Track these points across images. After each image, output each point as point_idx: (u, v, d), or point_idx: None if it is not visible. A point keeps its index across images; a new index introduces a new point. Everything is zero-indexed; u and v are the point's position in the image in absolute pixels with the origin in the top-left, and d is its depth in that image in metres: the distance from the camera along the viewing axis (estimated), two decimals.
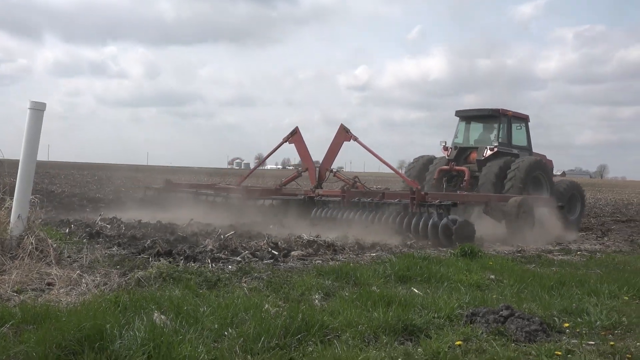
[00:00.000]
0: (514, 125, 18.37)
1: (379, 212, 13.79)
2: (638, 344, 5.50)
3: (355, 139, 16.84)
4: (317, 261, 9.58)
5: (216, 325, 5.20)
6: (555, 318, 6.20)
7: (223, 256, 9.24)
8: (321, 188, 16.88)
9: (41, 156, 11.05)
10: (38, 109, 8.04)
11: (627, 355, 5.10)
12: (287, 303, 6.29)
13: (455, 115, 18.96)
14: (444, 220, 12.65)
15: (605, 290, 7.60)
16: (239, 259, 9.14)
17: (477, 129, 19.04)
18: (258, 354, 4.69)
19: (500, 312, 5.87)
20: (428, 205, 13.10)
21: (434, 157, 19.06)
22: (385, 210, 13.79)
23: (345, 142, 17.21)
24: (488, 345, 5.16)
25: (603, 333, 5.81)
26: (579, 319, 6.17)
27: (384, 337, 5.26)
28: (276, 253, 9.80)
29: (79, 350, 4.43)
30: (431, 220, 12.71)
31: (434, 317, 5.93)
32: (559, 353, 4.98)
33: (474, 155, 18.02)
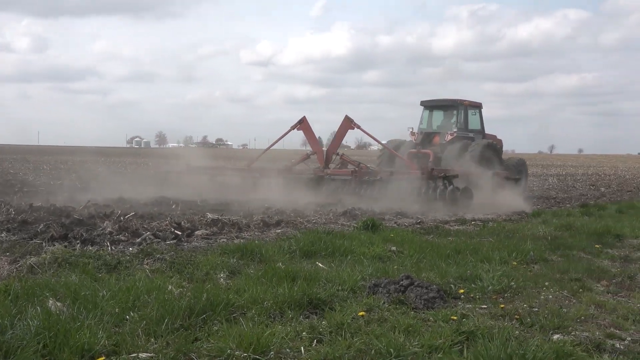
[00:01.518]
0: (469, 112, 21.25)
1: (392, 186, 16.55)
2: (525, 305, 5.94)
3: (359, 127, 19.34)
4: (222, 240, 9.50)
5: (117, 310, 5.04)
6: (451, 285, 6.55)
7: (123, 238, 8.94)
8: (329, 168, 19.38)
9: None
10: None
11: (516, 316, 5.49)
12: (192, 283, 6.21)
13: (420, 104, 21.99)
14: (450, 187, 16.17)
15: (497, 256, 8.10)
16: (140, 240, 8.89)
17: (438, 116, 21.94)
18: (162, 336, 4.61)
19: (401, 282, 6.11)
20: (436, 177, 16.41)
21: (404, 140, 21.66)
22: (395, 184, 16.68)
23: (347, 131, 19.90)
24: (389, 315, 5.37)
25: (494, 297, 6.21)
26: (473, 285, 6.55)
27: (289, 312, 5.33)
28: (179, 233, 9.61)
29: None
30: (438, 190, 16.13)
31: (338, 290, 6.08)
32: (455, 318, 5.27)
33: (436, 139, 20.94)
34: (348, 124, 19.43)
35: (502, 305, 5.83)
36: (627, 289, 6.92)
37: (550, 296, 6.36)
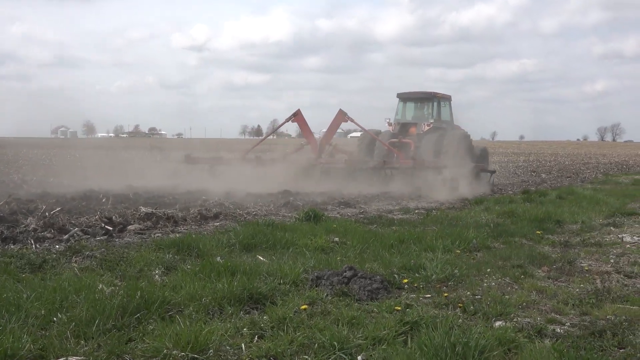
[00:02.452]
0: (441, 104, 23.35)
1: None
2: (468, 293, 6.12)
3: (352, 120, 21.30)
4: (157, 235, 9.34)
5: (43, 312, 4.89)
6: (395, 275, 6.67)
7: (49, 235, 8.65)
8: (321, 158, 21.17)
9: None
10: None
11: (459, 304, 5.65)
12: (124, 281, 6.07)
13: (397, 96, 24.02)
14: (442, 176, 18.32)
15: (440, 245, 8.30)
16: (67, 237, 8.62)
17: (414, 108, 23.95)
18: (92, 337, 4.49)
19: (344, 274, 6.17)
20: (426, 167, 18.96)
21: (380, 131, 23.35)
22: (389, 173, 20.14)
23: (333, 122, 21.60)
24: (333, 307, 5.42)
25: (438, 286, 6.37)
26: (416, 274, 6.70)
27: (229, 307, 5.30)
28: (110, 228, 9.37)
29: None
30: (432, 176, 18.32)
31: (279, 284, 6.09)
32: (399, 308, 5.38)
33: (412, 130, 22.80)
34: (342, 117, 21.29)
35: (445, 294, 5.99)
36: (567, 274, 7.23)
37: (493, 283, 6.58)
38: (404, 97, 23.98)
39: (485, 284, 6.53)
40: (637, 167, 45.11)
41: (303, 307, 5.35)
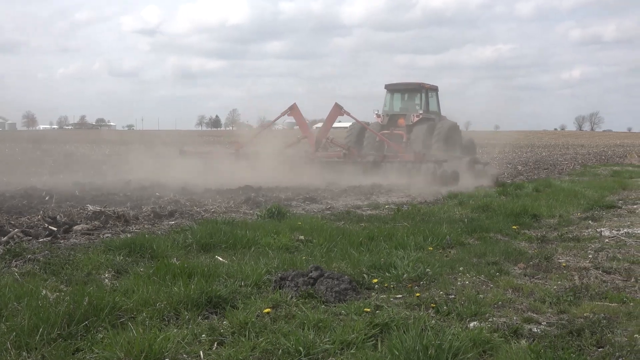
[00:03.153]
0: (429, 94, 24.79)
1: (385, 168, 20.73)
2: (441, 292, 6.20)
3: (348, 114, 22.96)
4: (106, 235, 9.21)
5: None
6: (364, 275, 6.72)
7: None
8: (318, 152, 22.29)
9: None
10: None
11: (432, 304, 5.73)
12: (71, 286, 5.98)
13: (385, 88, 25.57)
14: (441, 169, 19.75)
15: (412, 242, 8.39)
16: (6, 239, 8.44)
17: (402, 99, 25.46)
18: (36, 348, 4.42)
19: (310, 274, 6.19)
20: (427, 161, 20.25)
21: (368, 122, 24.82)
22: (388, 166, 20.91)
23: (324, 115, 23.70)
24: (298, 310, 5.43)
25: (410, 285, 6.44)
26: (387, 274, 6.76)
27: (186, 313, 5.27)
28: (54, 229, 9.22)
29: None
30: (432, 169, 19.69)
31: (240, 286, 6.08)
32: (368, 310, 5.42)
33: (401, 121, 24.23)
34: (338, 110, 22.72)
35: (417, 294, 6.06)
36: (544, 270, 7.39)
37: (467, 282, 6.68)
38: (392, 88, 25.45)
39: (459, 283, 6.63)
40: (616, 158, 46.24)
41: (266, 310, 5.35)
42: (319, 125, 28.47)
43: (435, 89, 25.41)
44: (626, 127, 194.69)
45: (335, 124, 25.24)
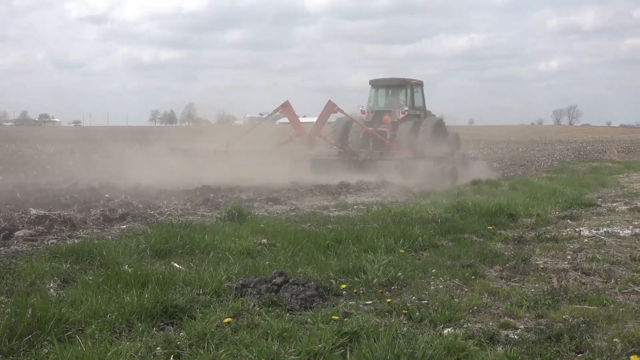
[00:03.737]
0: (414, 90, 26.00)
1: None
2: (414, 297, 6.26)
3: (341, 111, 24.95)
4: (52, 241, 9.08)
5: None
6: (332, 280, 6.74)
7: None
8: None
9: None
10: None
11: (404, 310, 5.78)
12: (12, 297, 5.88)
13: (369, 83, 26.73)
14: (440, 166, 21.31)
15: (382, 244, 8.44)
16: None
17: (387, 95, 26.79)
18: None
19: (274, 280, 6.19)
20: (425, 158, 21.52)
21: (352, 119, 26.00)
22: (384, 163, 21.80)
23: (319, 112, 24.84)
24: (261, 319, 5.43)
25: (380, 291, 6.48)
26: (356, 279, 6.79)
27: (139, 324, 5.22)
28: None
29: None
30: (431, 166, 20.99)
31: (198, 294, 6.05)
32: (336, 317, 5.44)
33: (386, 117, 25.42)
34: (331, 107, 24.46)
35: (388, 300, 6.10)
36: (521, 273, 7.51)
37: (441, 286, 6.76)
38: (376, 84, 26.69)
39: (432, 287, 6.70)
40: (595, 154, 47.24)
41: (226, 320, 5.33)
42: (283, 120, 29.01)
43: (420, 84, 26.63)
44: (605, 122, 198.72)
45: (284, 121, 26.11)
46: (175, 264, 7.34)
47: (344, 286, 6.56)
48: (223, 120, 23.67)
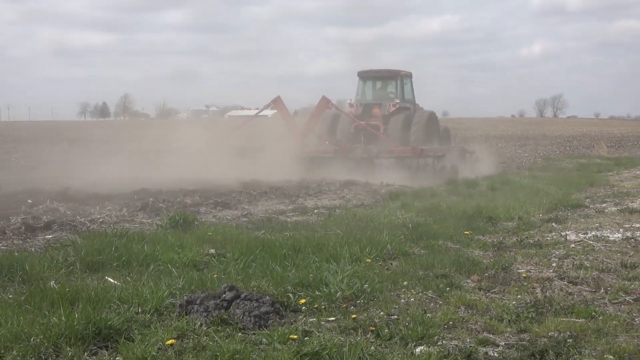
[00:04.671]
0: (404, 82, 27.33)
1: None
2: (382, 312, 6.30)
3: (336, 107, 26.80)
4: None
5: None
6: (289, 294, 6.75)
7: None
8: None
9: None
10: None
11: (371, 327, 5.82)
12: None
13: (357, 75, 27.96)
14: (442, 163, 23.86)
15: (346, 253, 8.49)
16: None
17: (376, 87, 28.27)
18: None
19: (223, 296, 6.18)
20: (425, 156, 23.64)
21: (340, 112, 27.16)
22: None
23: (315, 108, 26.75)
24: (208, 340, 5.41)
25: (344, 305, 6.51)
26: (317, 292, 6.81)
27: (68, 348, 5.16)
28: None
29: None
30: (432, 165, 23.57)
31: (137, 313, 6.01)
32: (295, 337, 5.45)
33: (376, 111, 26.69)
34: (325, 104, 26.14)
35: (354, 316, 6.13)
36: (502, 283, 7.62)
37: (413, 299, 6.82)
38: (365, 76, 27.96)
39: (402, 301, 6.76)
40: (582, 149, 48.18)
41: (169, 342, 5.30)
42: (233, 113, 29.62)
43: (409, 76, 27.96)
44: (593, 113, 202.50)
45: (257, 114, 27.70)
46: (109, 279, 7.27)
47: (303, 301, 6.57)
48: (164, 114, 23.60)
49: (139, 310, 6.09)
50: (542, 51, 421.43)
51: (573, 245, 9.86)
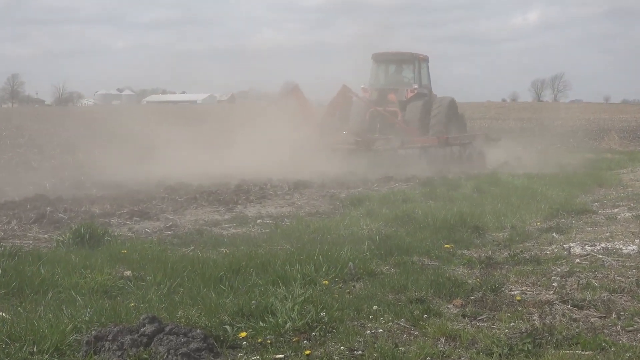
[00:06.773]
0: (421, 66, 30.94)
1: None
2: (343, 347, 6.33)
3: (357, 96, 29.22)
4: None
5: None
6: (226, 326, 6.74)
7: None
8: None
9: None
10: None
11: None
12: None
13: (372, 58, 31.42)
14: (468, 151, 27.90)
15: (298, 274, 8.50)
16: None
17: (391, 70, 31.95)
18: None
19: (142, 329, 6.15)
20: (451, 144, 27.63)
21: (350, 97, 29.75)
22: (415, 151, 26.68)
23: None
24: None
25: (296, 339, 6.52)
26: (261, 323, 6.81)
27: None
28: None
29: None
30: (458, 153, 27.44)
31: (32, 354, 5.96)
32: None
33: (392, 96, 30.18)
34: (346, 93, 28.65)
35: (307, 352, 6.15)
36: (491, 308, 7.70)
37: (381, 329, 6.86)
38: (380, 59, 31.49)
39: (368, 332, 6.79)
40: (589, 141, 48.82)
41: None
42: (153, 98, 29.84)
43: (426, 59, 31.62)
44: (602, 97, 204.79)
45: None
46: None
47: (243, 334, 6.57)
48: (64, 100, 23.13)
49: (34, 349, 6.03)
50: (540, 20, 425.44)
51: (578, 260, 9.97)
